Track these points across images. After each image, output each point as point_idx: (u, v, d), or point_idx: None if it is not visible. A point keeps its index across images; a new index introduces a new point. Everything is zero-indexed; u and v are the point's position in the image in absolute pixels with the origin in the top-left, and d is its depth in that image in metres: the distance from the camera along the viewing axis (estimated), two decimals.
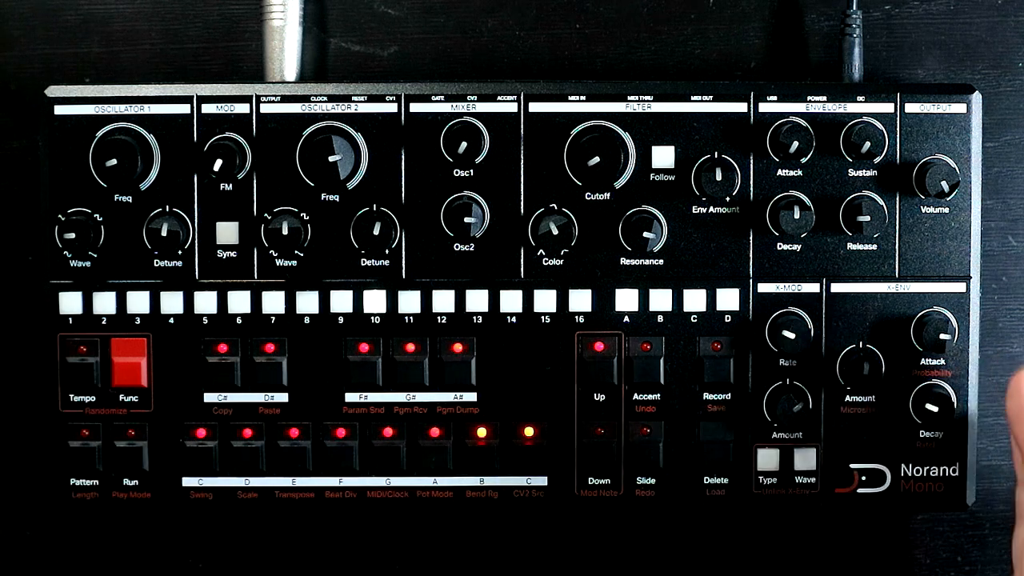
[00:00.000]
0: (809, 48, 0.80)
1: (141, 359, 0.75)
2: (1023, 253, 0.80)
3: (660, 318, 0.75)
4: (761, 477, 0.76)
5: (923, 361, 0.75)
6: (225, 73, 0.80)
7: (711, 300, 0.75)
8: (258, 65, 0.78)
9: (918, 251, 0.75)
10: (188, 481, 0.76)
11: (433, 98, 0.75)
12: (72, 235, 0.74)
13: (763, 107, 0.75)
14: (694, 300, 0.75)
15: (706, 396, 0.76)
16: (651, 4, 0.80)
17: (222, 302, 0.75)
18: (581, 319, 0.75)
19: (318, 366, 0.75)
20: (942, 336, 0.74)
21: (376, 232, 0.74)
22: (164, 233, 0.74)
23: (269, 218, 0.74)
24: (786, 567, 0.80)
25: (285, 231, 0.74)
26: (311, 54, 0.79)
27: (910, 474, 0.76)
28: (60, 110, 0.75)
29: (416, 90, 0.75)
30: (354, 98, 0.75)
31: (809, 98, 0.75)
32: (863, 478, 0.76)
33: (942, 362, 0.75)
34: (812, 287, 0.75)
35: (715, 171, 0.74)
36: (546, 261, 0.75)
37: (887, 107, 0.75)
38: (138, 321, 0.75)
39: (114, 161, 0.74)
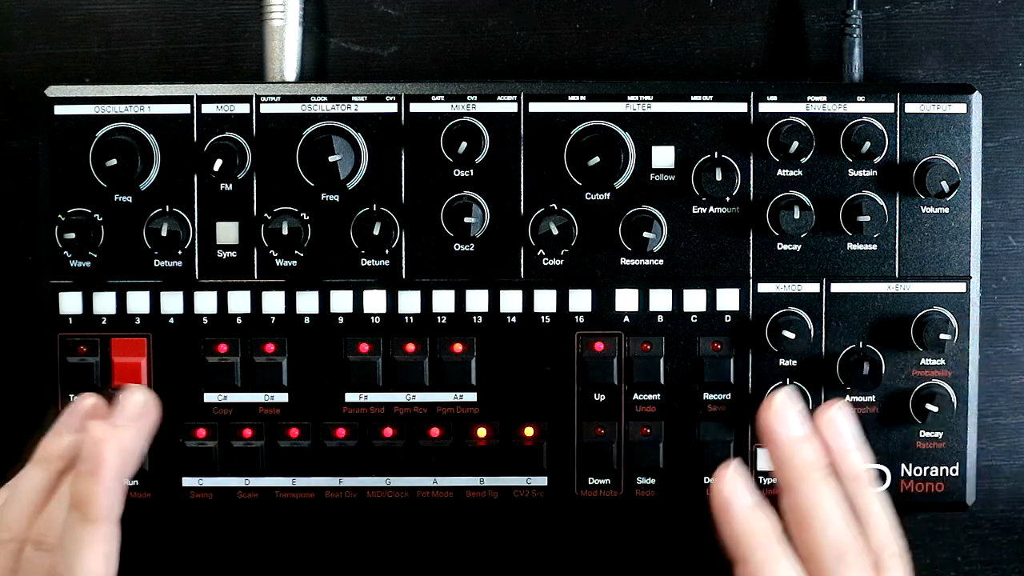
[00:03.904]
0: (809, 48, 0.80)
1: (141, 359, 0.75)
2: (1023, 253, 0.80)
3: (660, 318, 0.75)
4: (761, 477, 0.76)
5: (923, 361, 0.75)
6: (225, 73, 0.80)
7: (711, 300, 0.75)
8: (258, 65, 0.78)
9: (918, 251, 0.75)
10: (188, 481, 0.76)
11: (433, 98, 0.75)
12: (72, 235, 0.74)
13: (763, 107, 0.75)
14: (694, 300, 0.75)
15: (706, 396, 0.76)
16: (651, 4, 0.80)
17: (222, 302, 0.75)
18: (581, 319, 0.75)
19: (318, 366, 0.75)
20: (942, 336, 0.74)
21: (376, 232, 0.74)
22: (164, 233, 0.74)
23: (269, 218, 0.74)
24: None
25: (285, 231, 0.74)
26: (311, 54, 0.79)
27: (910, 474, 0.76)
28: (60, 110, 0.75)
29: (416, 90, 0.75)
30: (354, 98, 0.75)
31: (809, 98, 0.75)
32: None
33: (942, 362, 0.75)
34: (812, 287, 0.75)
35: (715, 171, 0.74)
36: (546, 261, 0.75)
37: (887, 107, 0.75)
38: (138, 321, 0.75)
39: (114, 161, 0.74)
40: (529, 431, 0.76)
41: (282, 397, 0.75)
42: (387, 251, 0.75)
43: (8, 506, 0.66)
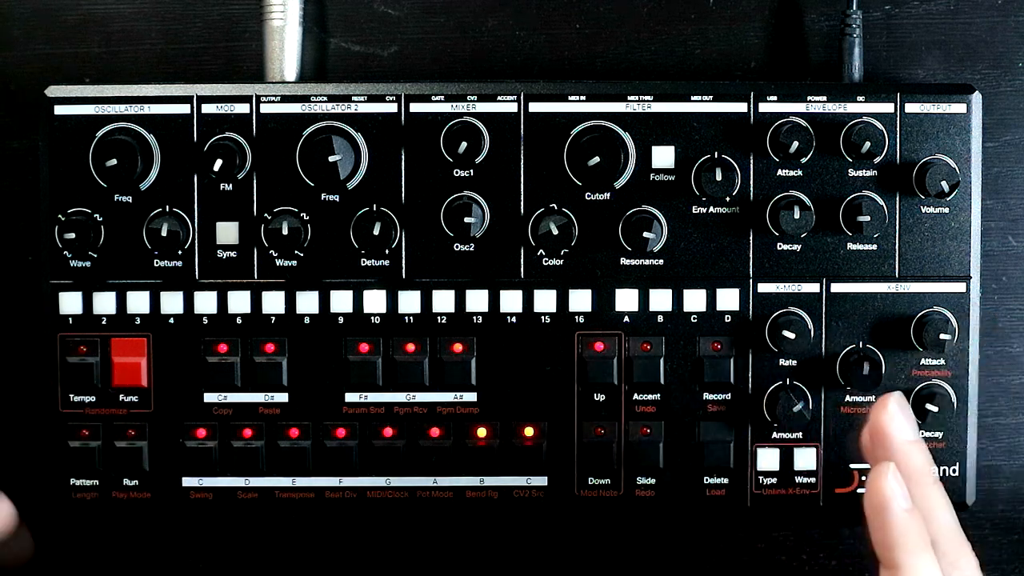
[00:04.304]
0: (809, 48, 0.80)
1: (141, 359, 0.75)
2: (1023, 253, 0.80)
3: (660, 318, 0.75)
4: (761, 477, 0.76)
5: (923, 361, 0.75)
6: (225, 73, 0.80)
7: (711, 300, 0.75)
8: (258, 65, 0.78)
9: (918, 251, 0.75)
10: (188, 481, 0.76)
11: (433, 98, 0.75)
12: (72, 235, 0.74)
13: (763, 107, 0.75)
14: (694, 300, 0.75)
15: (706, 396, 0.76)
16: (651, 4, 0.80)
17: (222, 302, 0.75)
18: (581, 319, 0.75)
19: (318, 366, 0.75)
20: (942, 336, 0.74)
21: (376, 232, 0.74)
22: (164, 233, 0.74)
23: (269, 218, 0.74)
24: (786, 567, 0.80)
25: (285, 231, 0.74)
26: (311, 54, 0.79)
27: None
28: (60, 110, 0.75)
29: (416, 90, 0.75)
30: (354, 98, 0.75)
31: (809, 98, 0.75)
32: (863, 478, 0.76)
33: (942, 362, 0.75)
34: (812, 287, 0.75)
35: (715, 171, 0.74)
36: (546, 261, 0.75)
37: (887, 107, 0.75)
38: (138, 321, 0.75)
39: (114, 161, 0.74)
40: (529, 431, 0.76)
41: (282, 397, 0.75)
42: (387, 251, 0.75)
43: None
